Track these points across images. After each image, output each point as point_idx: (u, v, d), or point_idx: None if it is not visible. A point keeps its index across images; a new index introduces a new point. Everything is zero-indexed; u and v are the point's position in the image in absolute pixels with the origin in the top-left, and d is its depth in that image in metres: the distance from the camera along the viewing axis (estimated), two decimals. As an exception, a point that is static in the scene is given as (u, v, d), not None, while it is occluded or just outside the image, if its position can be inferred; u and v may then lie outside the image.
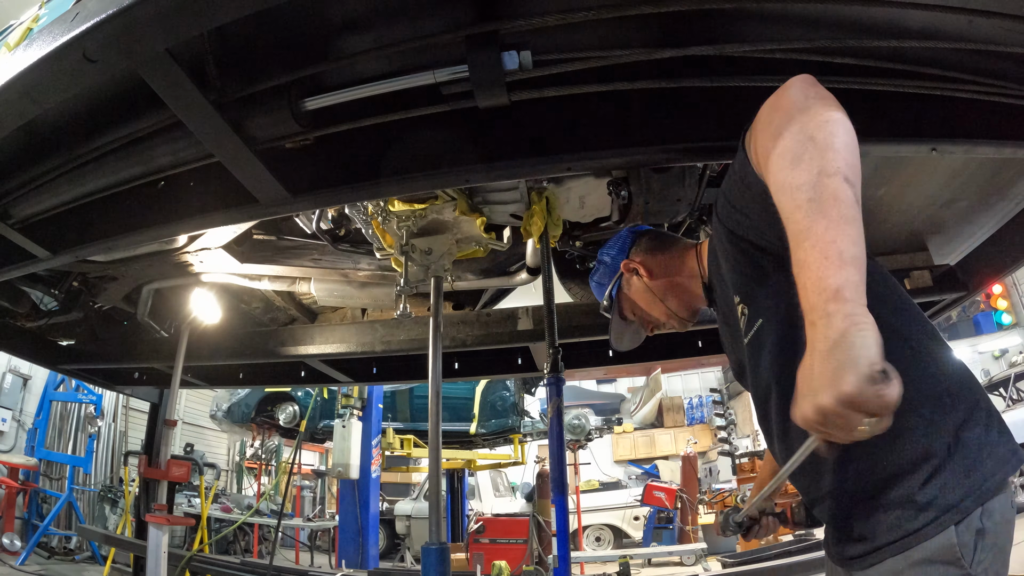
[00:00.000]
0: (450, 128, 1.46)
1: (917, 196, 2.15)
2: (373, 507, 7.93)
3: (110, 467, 9.10)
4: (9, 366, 8.24)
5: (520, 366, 3.21)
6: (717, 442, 13.62)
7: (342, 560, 7.56)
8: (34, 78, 1.12)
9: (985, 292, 10.59)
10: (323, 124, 1.39)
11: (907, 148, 1.48)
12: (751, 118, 0.96)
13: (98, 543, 7.34)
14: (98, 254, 2.00)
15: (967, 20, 1.26)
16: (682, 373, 19.26)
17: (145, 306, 2.64)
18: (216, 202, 1.60)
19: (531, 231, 1.91)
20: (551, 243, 2.09)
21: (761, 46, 1.29)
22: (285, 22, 1.26)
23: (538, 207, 1.91)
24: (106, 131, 1.45)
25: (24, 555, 6.85)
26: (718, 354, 3.21)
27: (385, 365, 3.44)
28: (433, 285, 2.08)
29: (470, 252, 2.06)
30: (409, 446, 7.88)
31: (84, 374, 3.38)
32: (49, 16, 1.57)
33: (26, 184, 1.59)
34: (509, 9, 1.22)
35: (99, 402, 8.79)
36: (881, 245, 2.47)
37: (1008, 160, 1.90)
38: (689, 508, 8.83)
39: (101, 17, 0.98)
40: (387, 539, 9.94)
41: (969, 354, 12.70)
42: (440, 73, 1.26)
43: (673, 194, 1.90)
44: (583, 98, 1.41)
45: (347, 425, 6.99)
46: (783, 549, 6.19)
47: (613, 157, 1.46)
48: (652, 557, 8.02)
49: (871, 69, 1.38)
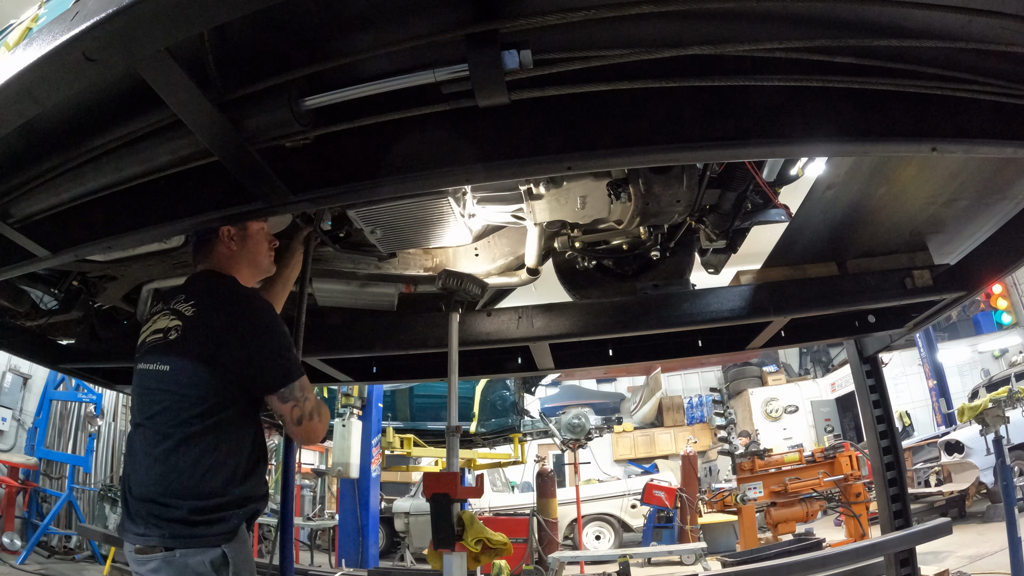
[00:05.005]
0: (450, 127, 1.46)
1: (917, 196, 2.15)
2: (373, 506, 7.94)
3: (110, 466, 9.08)
4: (9, 365, 8.23)
5: (520, 366, 3.21)
6: (717, 441, 13.62)
7: (342, 559, 7.57)
8: (34, 77, 1.12)
9: (985, 292, 10.59)
10: (323, 123, 1.39)
11: (907, 148, 1.48)
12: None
13: (98, 542, 7.34)
14: (98, 253, 1.99)
15: (967, 19, 1.26)
16: (682, 372, 19.28)
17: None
18: (216, 201, 1.60)
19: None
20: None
21: (761, 46, 1.29)
22: (285, 21, 1.26)
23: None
24: (106, 130, 1.45)
25: (24, 554, 6.85)
26: (718, 353, 3.21)
27: (385, 364, 3.43)
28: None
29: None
30: (409, 445, 7.88)
31: (84, 373, 3.37)
32: (48, 16, 1.58)
33: (26, 183, 1.59)
34: (509, 8, 1.22)
35: (99, 401, 8.77)
36: (881, 245, 2.47)
37: (1008, 160, 1.90)
38: (689, 508, 8.83)
39: (100, 16, 0.98)
40: (387, 538, 9.95)
41: (969, 354, 12.71)
42: (440, 72, 1.26)
43: (673, 195, 1.90)
44: (583, 97, 1.41)
45: (347, 424, 6.99)
46: (783, 549, 6.20)
47: (613, 157, 1.46)
48: (652, 556, 8.02)
49: (871, 69, 1.38)
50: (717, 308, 2.47)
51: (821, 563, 3.33)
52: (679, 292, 2.49)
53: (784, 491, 6.90)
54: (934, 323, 3.67)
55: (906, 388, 13.00)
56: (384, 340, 2.71)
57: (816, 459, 7.21)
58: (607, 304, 2.53)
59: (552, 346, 2.86)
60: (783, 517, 6.97)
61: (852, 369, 3.51)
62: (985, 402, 4.16)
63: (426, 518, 4.44)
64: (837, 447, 7.21)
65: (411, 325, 2.70)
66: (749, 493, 7.03)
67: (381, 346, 2.72)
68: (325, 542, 10.14)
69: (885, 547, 3.18)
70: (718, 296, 2.48)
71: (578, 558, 7.55)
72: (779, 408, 15.95)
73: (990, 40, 1.31)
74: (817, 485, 6.90)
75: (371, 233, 2.11)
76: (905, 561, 3.19)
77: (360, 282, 2.59)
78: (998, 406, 4.09)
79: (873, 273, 2.45)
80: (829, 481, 6.88)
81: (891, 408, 3.36)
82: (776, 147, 1.48)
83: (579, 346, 3.14)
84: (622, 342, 3.10)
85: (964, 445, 7.27)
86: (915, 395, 12.90)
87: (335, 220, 2.23)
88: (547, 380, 15.19)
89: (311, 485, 12.46)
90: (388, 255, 2.46)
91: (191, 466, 1.47)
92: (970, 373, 12.27)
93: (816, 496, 6.96)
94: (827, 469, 6.97)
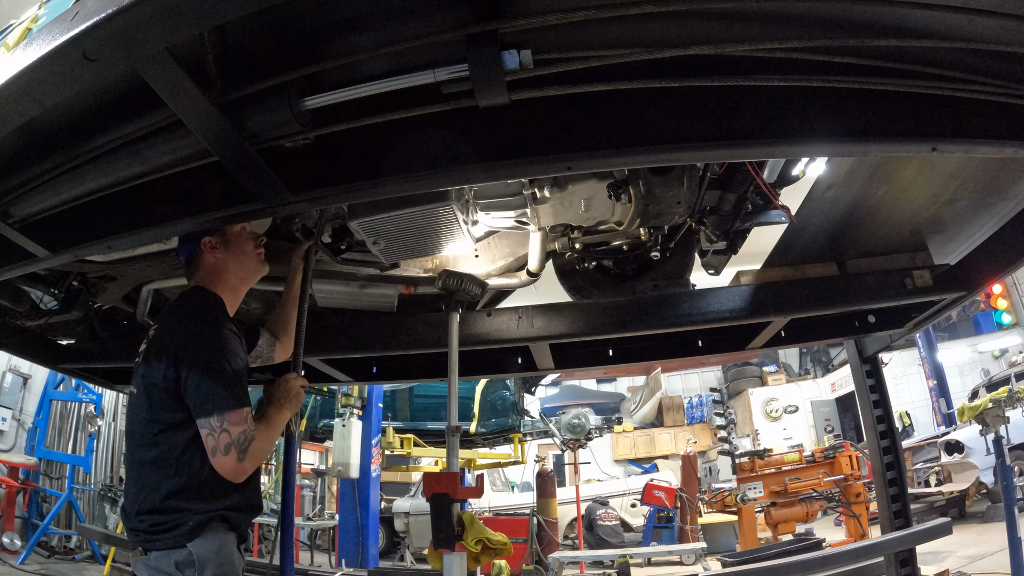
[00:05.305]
0: (450, 127, 1.45)
1: (917, 196, 2.15)
2: (373, 506, 7.94)
3: (110, 466, 9.08)
4: (9, 365, 8.23)
5: (520, 366, 3.21)
6: (717, 441, 13.62)
7: (342, 559, 7.57)
8: (34, 77, 1.11)
9: (985, 292, 10.59)
10: (323, 123, 1.39)
11: (907, 148, 1.48)
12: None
13: (98, 542, 7.34)
14: (98, 253, 1.99)
15: (967, 19, 1.26)
16: (682, 372, 19.28)
17: (144, 306, 2.63)
18: (216, 201, 1.60)
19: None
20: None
21: (761, 46, 1.29)
22: (285, 21, 1.26)
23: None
24: (106, 130, 1.45)
25: (24, 554, 6.86)
26: (718, 353, 3.21)
27: (385, 364, 3.43)
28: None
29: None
30: (409, 445, 7.88)
31: (84, 373, 3.37)
32: (48, 16, 1.58)
33: (26, 183, 1.59)
34: (509, 8, 1.22)
35: (99, 401, 8.77)
36: (881, 245, 2.47)
37: (1008, 160, 1.90)
38: (689, 507, 8.83)
39: (100, 16, 0.98)
40: (387, 538, 9.94)
41: (969, 354, 12.70)
42: (440, 72, 1.25)
43: (673, 196, 1.90)
44: (583, 97, 1.41)
45: (347, 424, 7.00)
46: (783, 548, 6.21)
47: (613, 157, 1.46)
48: (652, 556, 8.02)
49: (871, 68, 1.38)
50: (717, 308, 2.47)
51: (821, 563, 3.33)
52: (679, 292, 2.49)
53: (784, 491, 6.91)
54: (934, 323, 3.67)
55: (906, 388, 13.00)
56: (384, 340, 2.71)
57: (816, 459, 7.22)
58: (607, 304, 2.53)
59: (552, 346, 2.86)
60: (783, 517, 6.97)
61: (852, 369, 3.51)
62: (985, 402, 4.16)
63: (426, 518, 4.44)
64: (837, 447, 7.22)
65: (411, 325, 2.70)
66: (749, 493, 7.03)
67: (381, 346, 2.72)
68: (325, 542, 10.14)
69: (885, 547, 3.19)
70: (718, 296, 2.48)
71: (578, 558, 7.55)
72: (779, 408, 15.96)
73: (990, 40, 1.31)
74: (817, 485, 6.90)
75: (373, 244, 2.09)
76: (905, 561, 3.19)
77: (360, 283, 2.59)
78: (998, 406, 4.09)
79: (873, 273, 2.45)
80: (829, 481, 6.88)
81: (891, 408, 3.36)
82: (776, 147, 1.48)
83: (579, 346, 3.14)
84: (622, 342, 3.10)
85: (964, 445, 7.28)
86: (915, 395, 12.90)
87: (335, 232, 2.22)
88: (547, 380, 15.20)
89: (311, 485, 12.46)
90: (390, 266, 2.45)
91: (152, 488, 1.50)
92: (970, 373, 12.27)
93: (816, 496, 6.97)
94: (827, 469, 6.98)
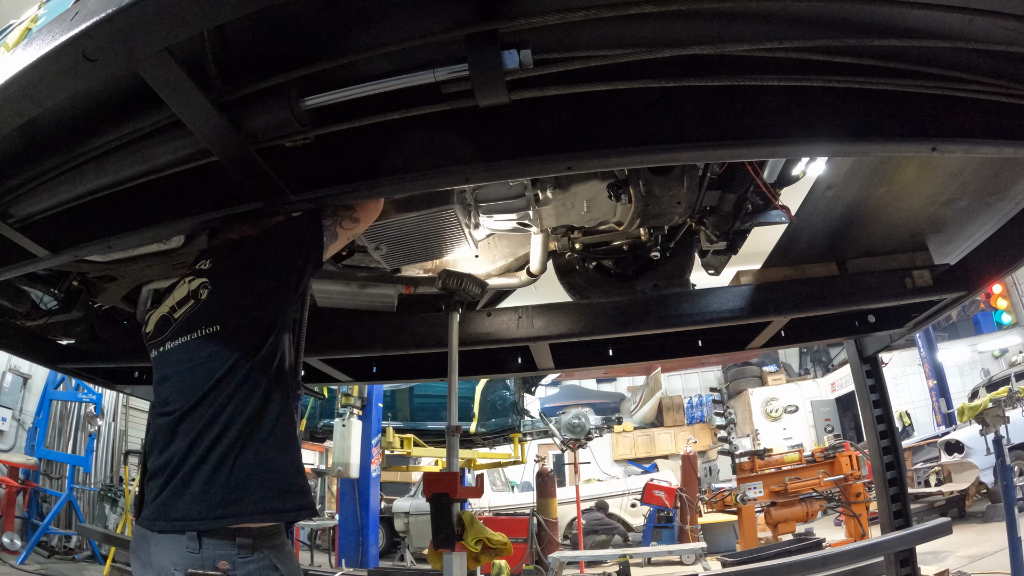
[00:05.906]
0: (450, 127, 1.45)
1: (917, 196, 2.15)
2: (373, 506, 7.93)
3: (110, 466, 9.08)
4: (9, 365, 8.23)
5: (520, 366, 3.21)
6: (717, 441, 13.62)
7: (342, 559, 7.56)
8: (33, 77, 1.11)
9: (985, 292, 10.59)
10: (323, 123, 1.39)
11: (907, 148, 1.48)
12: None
13: (98, 542, 7.34)
14: (98, 253, 1.99)
15: (967, 19, 1.26)
16: (682, 372, 19.28)
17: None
18: (216, 201, 1.60)
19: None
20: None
21: (761, 46, 1.28)
22: (285, 20, 1.26)
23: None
24: (106, 130, 1.45)
25: (24, 554, 6.85)
26: (718, 353, 3.21)
27: (385, 364, 3.43)
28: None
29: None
30: (409, 445, 7.88)
31: (84, 373, 3.37)
32: (48, 16, 1.57)
33: (26, 183, 1.59)
34: (509, 8, 1.22)
35: (99, 401, 8.77)
36: (881, 245, 2.47)
37: (1008, 160, 1.90)
38: (689, 507, 8.83)
39: (100, 16, 0.98)
40: (387, 538, 9.95)
41: (969, 354, 12.70)
42: (440, 72, 1.25)
43: (673, 196, 1.90)
44: (583, 97, 1.41)
45: (347, 424, 6.99)
46: (783, 548, 6.20)
47: (613, 156, 1.46)
48: (652, 556, 8.02)
49: (872, 68, 1.38)
50: (717, 308, 2.47)
51: (821, 563, 3.33)
52: (679, 292, 2.49)
53: (784, 491, 6.90)
54: (934, 323, 3.67)
55: (906, 388, 13.00)
56: (384, 340, 2.71)
57: (816, 459, 7.21)
58: (607, 304, 2.53)
59: (552, 346, 2.86)
60: (783, 517, 6.97)
61: (852, 369, 3.51)
62: (985, 402, 4.17)
63: (426, 518, 4.44)
64: (837, 447, 7.21)
65: (411, 325, 2.70)
66: (749, 493, 7.03)
67: (381, 346, 2.72)
68: (325, 542, 10.13)
69: (885, 547, 3.18)
70: (718, 296, 2.48)
71: (578, 558, 7.55)
72: (779, 408, 15.96)
73: (990, 40, 1.31)
74: (817, 485, 6.90)
75: (375, 250, 2.09)
76: (905, 561, 3.18)
77: (360, 283, 2.59)
78: (998, 406, 4.09)
79: (873, 273, 2.45)
80: (829, 481, 6.88)
81: (891, 408, 3.36)
82: (776, 147, 1.48)
83: (579, 346, 3.14)
84: (622, 342, 3.10)
85: (964, 445, 7.27)
86: (915, 395, 12.90)
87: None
88: (547, 380, 15.19)
89: (311, 485, 12.46)
90: (392, 271, 2.45)
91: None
92: (970, 373, 12.27)
93: (816, 496, 6.97)
94: (827, 469, 6.97)
